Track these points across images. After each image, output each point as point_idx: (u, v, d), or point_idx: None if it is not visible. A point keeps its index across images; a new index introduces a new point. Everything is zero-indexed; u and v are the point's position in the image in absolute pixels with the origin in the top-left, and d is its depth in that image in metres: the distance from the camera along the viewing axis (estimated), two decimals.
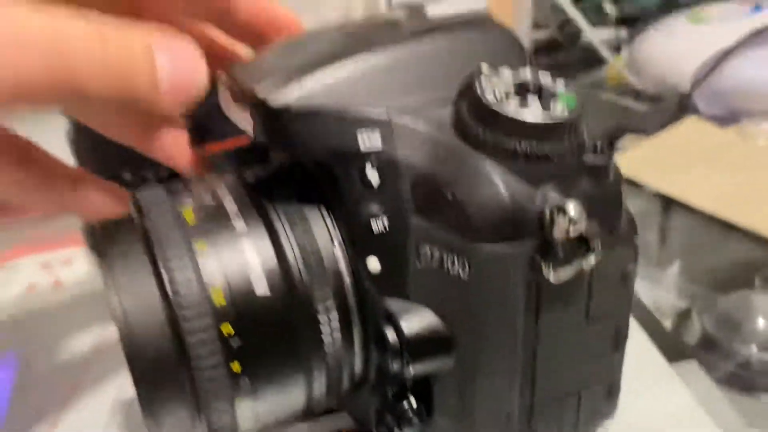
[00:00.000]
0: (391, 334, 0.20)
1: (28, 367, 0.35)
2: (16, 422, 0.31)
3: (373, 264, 0.20)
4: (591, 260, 0.19)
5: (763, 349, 0.33)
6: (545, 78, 0.20)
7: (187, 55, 0.22)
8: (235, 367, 0.20)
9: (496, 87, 0.19)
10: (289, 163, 0.23)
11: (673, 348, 0.32)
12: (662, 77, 0.59)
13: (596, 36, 0.68)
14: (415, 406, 0.22)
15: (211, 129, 0.28)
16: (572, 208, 0.18)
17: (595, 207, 0.19)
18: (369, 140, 0.20)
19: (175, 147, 0.25)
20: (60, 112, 0.31)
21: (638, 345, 0.31)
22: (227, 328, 0.19)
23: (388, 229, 0.20)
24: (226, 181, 0.22)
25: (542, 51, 0.72)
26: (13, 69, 0.19)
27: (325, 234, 0.21)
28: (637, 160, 0.49)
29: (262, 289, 0.20)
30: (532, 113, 0.18)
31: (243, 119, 0.21)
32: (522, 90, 0.19)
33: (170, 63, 0.21)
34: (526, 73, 0.20)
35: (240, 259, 0.20)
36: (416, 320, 0.20)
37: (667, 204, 0.46)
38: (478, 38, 0.22)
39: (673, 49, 0.59)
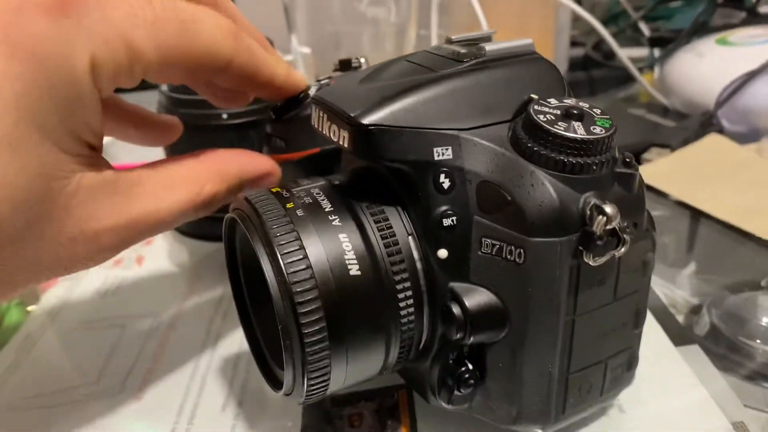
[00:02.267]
0: (456, 309, 0.25)
1: (123, 329, 0.41)
2: (115, 376, 0.37)
3: (442, 253, 0.25)
4: (621, 250, 0.24)
5: (767, 343, 0.36)
6: (584, 105, 0.25)
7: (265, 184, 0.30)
8: (333, 336, 0.24)
9: (547, 112, 0.24)
10: (366, 171, 0.28)
11: (679, 334, 0.37)
12: (689, 96, 0.63)
13: (629, 55, 0.71)
14: (471, 369, 0.26)
15: (289, 142, 0.33)
16: (609, 208, 0.23)
17: (625, 207, 0.24)
18: (442, 153, 0.25)
19: None
20: None
21: (650, 330, 0.36)
22: (328, 297, 0.24)
23: (455, 224, 0.25)
24: (319, 185, 0.27)
25: (578, 67, 0.76)
26: (136, 239, 0.26)
27: (401, 228, 0.26)
28: (662, 171, 0.54)
29: (354, 269, 0.25)
30: (577, 132, 0.23)
31: (338, 135, 0.26)
32: (567, 115, 0.24)
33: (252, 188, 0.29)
34: (570, 102, 0.25)
35: (337, 246, 0.25)
36: (477, 298, 0.25)
37: (687, 212, 0.50)
38: (527, 71, 0.26)
39: (700, 69, 0.63)
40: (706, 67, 0.62)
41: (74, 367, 0.38)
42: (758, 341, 0.37)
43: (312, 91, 0.33)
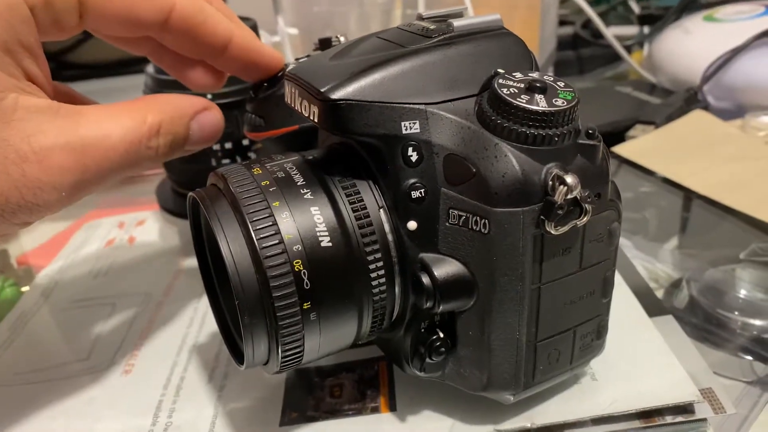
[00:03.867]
0: (426, 279, 0.26)
1: (113, 307, 0.42)
2: (104, 352, 0.38)
3: (411, 224, 0.26)
4: (583, 219, 0.24)
5: (744, 315, 0.37)
6: (549, 79, 0.25)
7: (208, 121, 0.31)
8: (306, 305, 0.25)
9: (511, 86, 0.24)
10: (340, 146, 0.28)
11: (654, 305, 0.37)
12: (676, 73, 0.63)
13: (619, 33, 0.71)
14: (442, 337, 0.27)
15: (267, 119, 0.34)
16: (570, 178, 0.23)
17: (588, 178, 0.24)
18: (410, 127, 0.25)
19: None
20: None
21: (625, 300, 0.37)
22: (299, 266, 0.25)
23: (424, 196, 0.26)
24: (292, 160, 0.28)
25: (567, 46, 0.76)
26: (96, 170, 0.26)
27: (372, 201, 0.27)
28: (645, 147, 0.54)
29: (325, 241, 0.26)
30: (539, 105, 0.24)
31: (308, 110, 0.26)
32: (531, 88, 0.24)
33: (198, 128, 0.30)
34: (534, 75, 0.25)
35: (308, 218, 0.26)
36: (446, 268, 0.26)
37: (670, 187, 0.50)
38: (495, 46, 0.27)
39: (687, 46, 0.63)
40: (692, 43, 0.63)
41: (65, 344, 0.39)
42: (736, 313, 0.37)
43: None
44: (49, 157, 0.25)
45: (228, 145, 0.45)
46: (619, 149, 0.54)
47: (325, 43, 0.37)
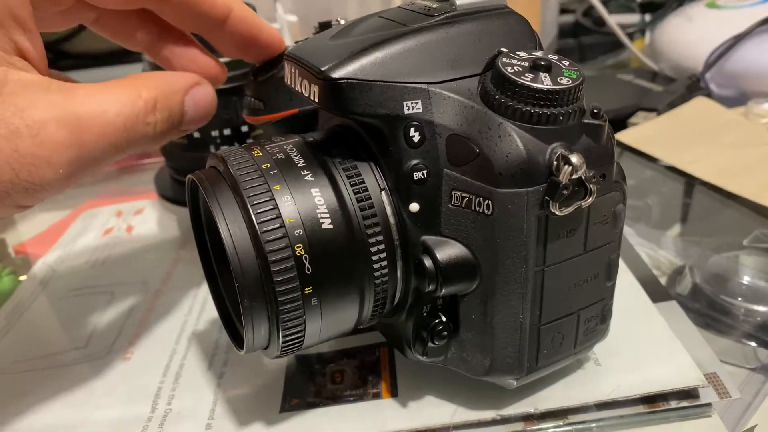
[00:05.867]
0: (428, 262, 0.25)
1: (112, 296, 0.41)
2: (103, 340, 0.37)
3: (413, 206, 0.26)
4: (588, 200, 0.24)
5: (747, 301, 0.37)
6: (553, 57, 0.25)
7: (202, 96, 0.30)
8: (308, 290, 0.25)
9: (515, 64, 0.24)
10: (341, 128, 0.28)
11: (658, 291, 0.37)
12: (678, 60, 0.63)
13: (621, 21, 0.71)
14: (445, 321, 0.27)
15: (267, 103, 0.33)
16: (575, 158, 0.23)
17: (593, 158, 0.24)
18: (412, 106, 0.25)
19: None
20: None
21: (628, 285, 0.37)
22: (300, 250, 0.24)
23: (426, 177, 0.25)
24: (292, 141, 0.27)
25: (569, 34, 0.76)
26: (94, 146, 0.25)
27: (374, 183, 0.26)
28: (647, 134, 0.54)
29: (326, 223, 0.25)
30: (543, 83, 0.23)
31: (308, 90, 0.26)
32: (535, 66, 0.24)
33: (192, 104, 0.29)
34: (538, 54, 0.25)
35: (309, 199, 0.25)
36: (448, 250, 0.25)
37: (672, 174, 0.50)
38: (498, 25, 0.26)
39: (689, 33, 0.63)
40: (694, 31, 0.62)
41: (63, 333, 0.39)
42: (739, 299, 0.37)
43: None
44: (44, 131, 0.23)
45: (227, 132, 0.44)
46: (622, 136, 0.54)
47: (325, 27, 0.37)
